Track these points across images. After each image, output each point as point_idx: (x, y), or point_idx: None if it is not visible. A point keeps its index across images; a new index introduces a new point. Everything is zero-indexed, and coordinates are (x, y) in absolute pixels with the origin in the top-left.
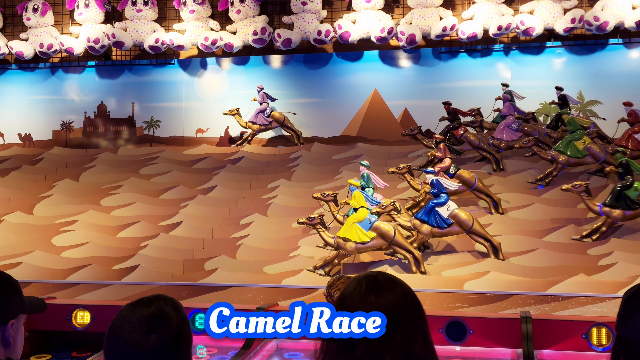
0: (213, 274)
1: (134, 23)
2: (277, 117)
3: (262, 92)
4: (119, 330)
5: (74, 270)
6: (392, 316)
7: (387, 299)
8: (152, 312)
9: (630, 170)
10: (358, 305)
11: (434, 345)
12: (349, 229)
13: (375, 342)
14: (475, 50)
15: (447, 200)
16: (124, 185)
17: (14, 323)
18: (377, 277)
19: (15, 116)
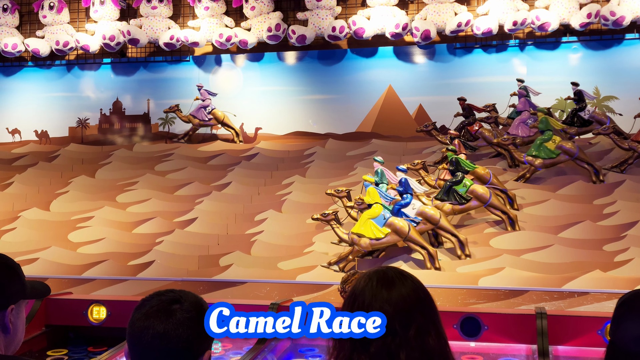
0: (228, 269)
1: (149, 20)
2: (218, 115)
3: (203, 89)
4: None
5: (90, 265)
6: (404, 311)
7: (399, 293)
8: (172, 295)
9: (460, 167)
10: (370, 301)
11: (448, 340)
12: (364, 225)
13: (389, 337)
14: (490, 45)
15: (411, 200)
16: (140, 181)
17: (14, 308)
18: (387, 272)
19: (31, 113)
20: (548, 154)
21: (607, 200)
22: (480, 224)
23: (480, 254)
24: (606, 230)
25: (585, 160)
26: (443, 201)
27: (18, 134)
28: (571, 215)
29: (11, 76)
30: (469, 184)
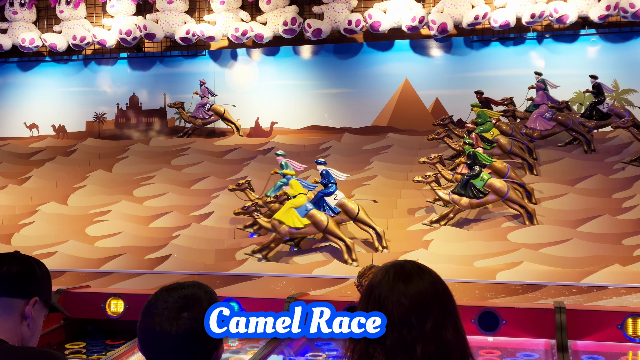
0: (244, 263)
1: (165, 15)
2: (218, 110)
3: (204, 86)
4: (153, 309)
5: (107, 259)
6: (422, 304)
7: (417, 286)
8: (185, 293)
9: (477, 160)
10: (387, 294)
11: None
12: (286, 212)
13: (405, 330)
14: (508, 38)
15: (336, 189)
16: (156, 176)
17: (37, 302)
18: (404, 265)
19: (49, 108)
20: (483, 145)
21: (626, 194)
22: (498, 218)
23: (497, 248)
24: (625, 224)
25: (518, 155)
26: (460, 195)
27: (36, 128)
28: (590, 209)
29: (29, 71)
30: (486, 177)
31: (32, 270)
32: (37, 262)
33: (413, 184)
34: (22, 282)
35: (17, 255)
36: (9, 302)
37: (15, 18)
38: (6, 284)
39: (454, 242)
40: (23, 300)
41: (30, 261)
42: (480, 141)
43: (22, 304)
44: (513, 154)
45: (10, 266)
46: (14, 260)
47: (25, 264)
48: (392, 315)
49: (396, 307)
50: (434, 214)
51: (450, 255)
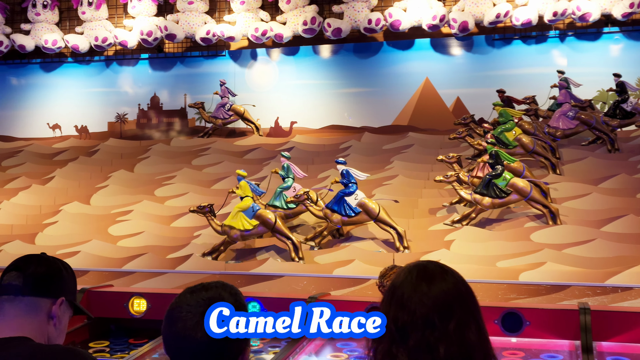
0: (265, 263)
1: (185, 15)
2: (237, 110)
3: (224, 86)
4: (177, 312)
5: (129, 259)
6: (445, 305)
7: (440, 287)
8: (209, 295)
9: (500, 160)
10: (410, 295)
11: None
12: (235, 217)
13: (428, 331)
14: (529, 37)
15: (356, 189)
16: (177, 175)
17: (63, 302)
18: (427, 265)
19: (71, 109)
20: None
21: None
22: (521, 218)
23: (520, 249)
24: None
25: (541, 154)
26: (483, 195)
27: (59, 129)
28: (614, 209)
29: (51, 72)
30: (508, 177)
31: (58, 270)
32: (63, 263)
33: (434, 184)
34: (49, 282)
35: (44, 256)
36: (36, 302)
37: (38, 19)
38: (33, 284)
39: (476, 242)
40: (50, 300)
41: (56, 262)
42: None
43: (48, 304)
44: (535, 153)
45: (38, 267)
46: (41, 260)
47: (52, 264)
48: (415, 316)
49: (419, 307)
50: (455, 214)
51: (472, 256)
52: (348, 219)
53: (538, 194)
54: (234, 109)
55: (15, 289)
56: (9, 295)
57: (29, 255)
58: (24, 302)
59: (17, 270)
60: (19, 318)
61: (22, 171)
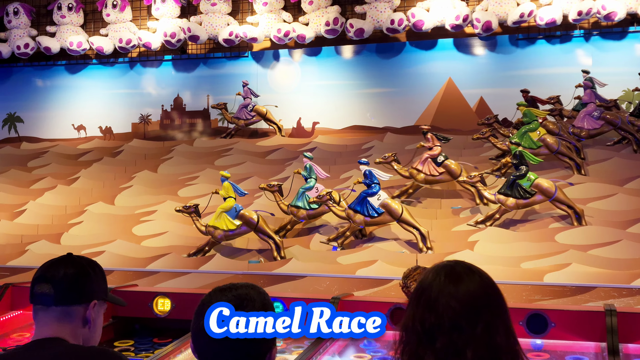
0: (288, 263)
1: (208, 17)
2: (260, 111)
3: (247, 87)
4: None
5: (153, 258)
6: (472, 307)
7: (467, 289)
8: (238, 293)
9: (524, 160)
10: (437, 297)
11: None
12: (218, 217)
13: (456, 334)
14: (554, 36)
15: (379, 190)
16: (200, 176)
17: (96, 304)
18: (455, 266)
19: (96, 110)
20: (529, 144)
21: None
22: (546, 219)
23: (545, 250)
24: None
25: (566, 155)
26: (507, 196)
27: (83, 130)
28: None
29: (76, 74)
30: (533, 177)
31: (86, 274)
32: (89, 262)
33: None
34: (80, 290)
35: (70, 258)
36: (69, 310)
37: (64, 22)
38: (64, 294)
39: (500, 243)
40: (82, 307)
41: (83, 264)
42: (436, 140)
43: (82, 310)
44: (560, 154)
45: (66, 275)
46: (68, 266)
47: (79, 269)
48: (443, 319)
49: (446, 310)
50: (479, 215)
51: (496, 257)
52: (371, 220)
53: (563, 194)
54: (256, 110)
55: (46, 299)
56: (42, 305)
57: (55, 262)
58: (57, 311)
59: (47, 282)
60: (54, 324)
61: (47, 172)
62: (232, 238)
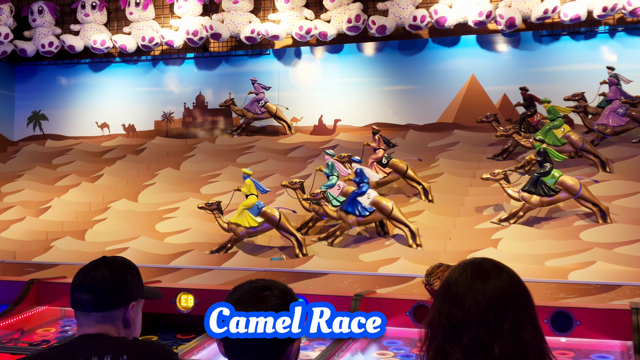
0: (310, 260)
1: (230, 14)
2: (271, 109)
3: (257, 83)
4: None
5: (176, 255)
6: (500, 304)
7: (495, 285)
8: (262, 282)
9: (548, 157)
10: (464, 293)
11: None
12: (240, 215)
13: (483, 329)
14: (578, 32)
15: (368, 189)
16: (222, 173)
17: (134, 305)
18: (482, 263)
19: (119, 108)
20: (554, 141)
21: None
22: (570, 217)
23: (570, 247)
24: None
25: (590, 152)
26: (531, 193)
27: (107, 127)
28: None
29: (100, 72)
30: (557, 175)
31: (123, 279)
32: (124, 264)
33: (481, 182)
34: (117, 295)
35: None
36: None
37: (87, 20)
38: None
39: (524, 241)
40: (122, 310)
41: (119, 268)
42: (382, 143)
43: (121, 312)
44: (585, 151)
45: (103, 281)
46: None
47: (116, 273)
48: (470, 314)
49: (474, 305)
50: (502, 212)
51: (520, 254)
52: (363, 219)
53: (588, 191)
54: (267, 107)
55: (86, 306)
56: (83, 311)
57: (92, 267)
58: (98, 316)
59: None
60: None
61: (72, 169)
62: (254, 235)
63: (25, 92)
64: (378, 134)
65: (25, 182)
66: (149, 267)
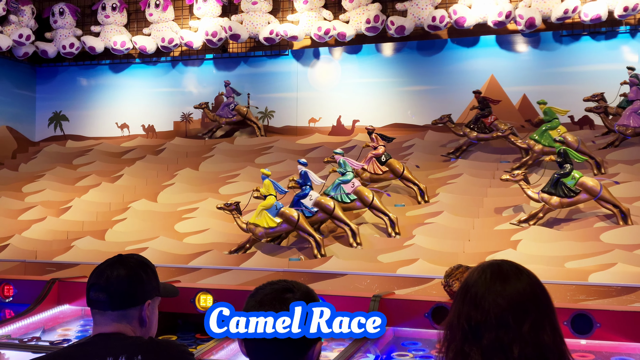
0: (328, 261)
1: (249, 15)
2: (242, 111)
3: (229, 87)
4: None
5: (195, 255)
6: (519, 305)
7: (514, 287)
8: (284, 284)
9: (569, 158)
10: (484, 294)
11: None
12: (259, 215)
13: (502, 330)
14: (599, 32)
15: (310, 191)
16: (241, 174)
17: (150, 303)
18: (502, 265)
19: (139, 108)
20: (549, 142)
21: None
22: (590, 218)
23: (590, 249)
24: None
25: (586, 153)
26: (550, 194)
27: (127, 128)
28: None
29: (120, 73)
30: (578, 176)
31: (138, 277)
32: (140, 264)
33: (500, 182)
34: (133, 294)
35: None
36: (125, 314)
37: (107, 22)
38: (118, 300)
39: (543, 243)
40: (138, 308)
41: (134, 267)
42: (380, 140)
43: (137, 311)
44: (581, 152)
45: (119, 281)
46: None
47: (131, 271)
48: (489, 315)
49: (493, 307)
50: (522, 214)
51: (540, 256)
52: (309, 219)
53: (608, 193)
54: (237, 109)
55: (102, 305)
56: (99, 310)
57: (107, 266)
58: (114, 315)
59: (101, 289)
60: (113, 325)
61: (92, 169)
62: (272, 235)
63: (46, 93)
64: (373, 132)
65: (46, 182)
66: (168, 267)
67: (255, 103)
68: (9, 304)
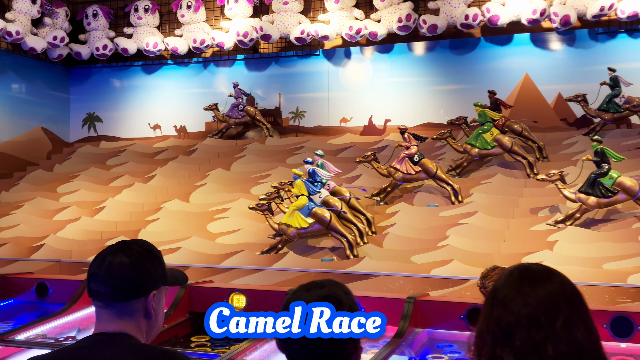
0: (361, 262)
1: (280, 16)
2: (250, 112)
3: (237, 88)
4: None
5: (227, 255)
6: (550, 303)
7: (544, 287)
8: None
9: (606, 158)
10: (513, 296)
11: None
12: (291, 215)
13: (534, 329)
14: (636, 30)
15: (321, 188)
16: (272, 174)
17: (155, 294)
18: (529, 267)
19: (171, 109)
20: (484, 144)
21: None
22: (629, 219)
23: (628, 250)
24: None
25: (519, 154)
26: (587, 194)
27: (159, 129)
28: None
29: (152, 74)
30: (615, 176)
31: (142, 267)
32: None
33: (536, 182)
34: (137, 285)
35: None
36: (130, 305)
37: (140, 23)
38: (121, 292)
39: (580, 243)
40: (142, 300)
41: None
42: (413, 140)
43: (142, 302)
44: (513, 152)
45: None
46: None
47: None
48: (519, 316)
49: (522, 307)
50: (558, 214)
51: (577, 257)
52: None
53: None
54: (246, 110)
55: (104, 296)
56: (102, 302)
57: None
58: (117, 308)
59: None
60: (116, 320)
61: (125, 170)
62: (305, 236)
63: (80, 95)
64: (406, 132)
65: (80, 183)
66: (201, 267)
67: (286, 103)
68: (45, 303)
